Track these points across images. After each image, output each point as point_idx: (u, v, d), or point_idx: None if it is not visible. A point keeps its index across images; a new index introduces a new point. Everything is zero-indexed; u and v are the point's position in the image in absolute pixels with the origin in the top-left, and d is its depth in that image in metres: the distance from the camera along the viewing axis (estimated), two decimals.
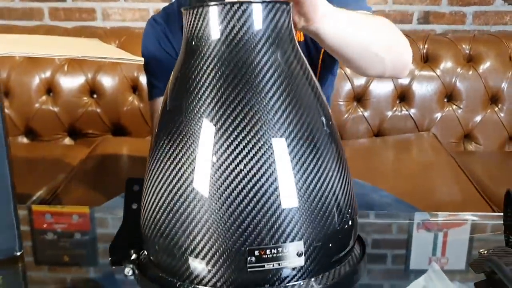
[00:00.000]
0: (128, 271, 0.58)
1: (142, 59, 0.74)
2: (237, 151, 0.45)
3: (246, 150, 0.45)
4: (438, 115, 1.73)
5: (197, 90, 0.47)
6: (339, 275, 0.50)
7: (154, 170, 0.52)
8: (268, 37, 0.47)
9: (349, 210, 0.51)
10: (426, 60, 1.74)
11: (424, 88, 1.72)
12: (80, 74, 1.73)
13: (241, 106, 0.46)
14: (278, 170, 0.45)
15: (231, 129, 0.45)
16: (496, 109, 1.73)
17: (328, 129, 0.49)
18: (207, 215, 0.46)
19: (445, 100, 1.74)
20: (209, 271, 0.47)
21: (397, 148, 1.62)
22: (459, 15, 1.92)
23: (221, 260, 0.46)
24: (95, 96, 1.75)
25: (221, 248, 0.46)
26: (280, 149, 0.46)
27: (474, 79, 1.71)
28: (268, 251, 0.45)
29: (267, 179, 0.45)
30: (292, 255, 0.46)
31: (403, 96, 1.74)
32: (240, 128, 0.45)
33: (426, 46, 1.74)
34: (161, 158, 0.51)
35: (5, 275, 0.70)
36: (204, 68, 0.47)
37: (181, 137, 0.48)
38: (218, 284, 0.47)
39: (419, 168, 1.46)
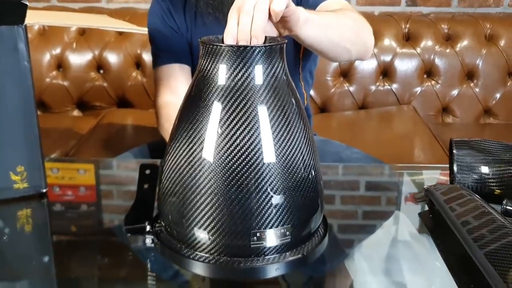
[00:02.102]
0: (149, 241, 0.67)
1: (147, 29, 0.87)
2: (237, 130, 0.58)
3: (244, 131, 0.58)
4: (418, 89, 1.85)
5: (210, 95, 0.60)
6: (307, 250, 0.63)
7: (172, 152, 0.63)
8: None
9: (313, 172, 0.63)
10: (408, 39, 1.86)
11: (405, 65, 1.84)
12: (87, 51, 1.85)
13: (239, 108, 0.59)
14: (264, 144, 0.58)
15: (233, 122, 0.58)
16: (472, 84, 1.86)
17: (298, 109, 0.62)
18: (215, 187, 0.58)
19: (425, 75, 1.86)
20: (212, 239, 0.59)
21: (379, 120, 1.76)
22: None
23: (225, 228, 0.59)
24: (101, 71, 1.87)
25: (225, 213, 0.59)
26: (265, 127, 0.59)
27: (451, 56, 1.83)
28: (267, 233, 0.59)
29: (256, 148, 0.58)
30: (280, 237, 0.60)
31: (386, 72, 1.86)
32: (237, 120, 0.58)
33: (408, 25, 1.86)
34: (179, 141, 0.62)
35: (34, 208, 0.82)
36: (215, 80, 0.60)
37: (196, 125, 0.60)
38: (216, 249, 0.60)
39: (398, 136, 1.59)
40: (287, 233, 0.61)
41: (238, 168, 0.58)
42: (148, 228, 0.68)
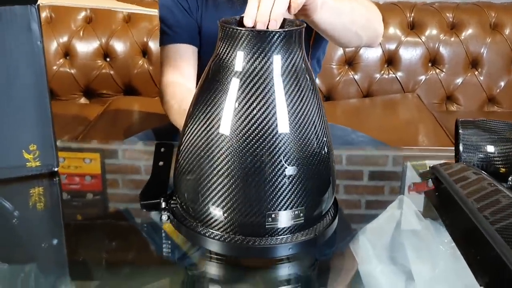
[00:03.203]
0: (165, 218, 0.68)
1: (157, 10, 0.89)
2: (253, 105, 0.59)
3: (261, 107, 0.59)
4: (423, 77, 1.87)
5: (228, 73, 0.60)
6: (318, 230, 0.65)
7: (189, 132, 0.64)
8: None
9: (326, 149, 0.65)
10: (412, 27, 1.87)
11: (410, 53, 1.85)
12: (94, 39, 1.86)
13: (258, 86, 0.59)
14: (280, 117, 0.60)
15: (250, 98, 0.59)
16: (476, 72, 1.87)
17: (314, 94, 0.63)
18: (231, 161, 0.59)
19: (429, 64, 1.88)
20: (227, 217, 0.60)
21: (383, 107, 1.77)
22: None
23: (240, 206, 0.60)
24: (108, 59, 1.88)
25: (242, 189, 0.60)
26: (282, 108, 0.60)
27: (456, 45, 1.84)
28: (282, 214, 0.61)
29: (272, 128, 0.59)
30: (294, 218, 0.62)
31: (391, 60, 1.87)
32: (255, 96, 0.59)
33: (412, 14, 1.87)
34: (196, 121, 0.63)
35: (46, 186, 0.84)
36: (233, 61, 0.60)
37: (213, 106, 0.61)
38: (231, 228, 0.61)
39: (402, 124, 1.60)
40: (301, 214, 0.62)
41: (253, 146, 0.59)
42: (163, 204, 0.70)
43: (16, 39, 0.78)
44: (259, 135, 0.59)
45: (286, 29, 0.60)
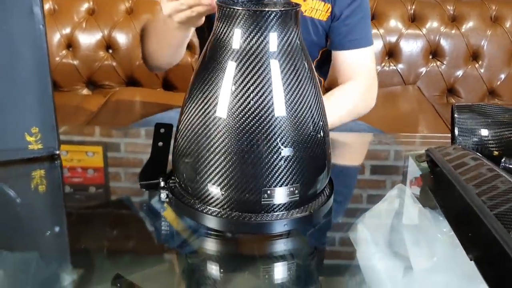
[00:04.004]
0: (164, 196, 0.69)
1: None
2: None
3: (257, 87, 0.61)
4: (423, 70, 1.87)
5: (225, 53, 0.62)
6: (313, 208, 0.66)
7: (187, 112, 0.65)
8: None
9: (322, 132, 0.66)
10: (413, 20, 1.88)
11: (410, 45, 1.86)
12: (97, 31, 1.87)
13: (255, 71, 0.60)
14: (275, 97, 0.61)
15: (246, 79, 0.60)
16: (477, 65, 1.87)
17: (310, 73, 0.64)
18: (228, 139, 0.61)
19: (430, 56, 1.88)
20: (224, 194, 0.62)
21: (384, 99, 1.76)
22: None
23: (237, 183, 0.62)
24: (110, 51, 1.90)
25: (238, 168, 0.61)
26: (278, 87, 0.61)
27: (457, 37, 1.85)
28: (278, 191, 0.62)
29: (268, 105, 0.61)
30: (289, 195, 0.63)
31: (391, 52, 1.88)
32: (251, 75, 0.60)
33: (413, 7, 1.87)
34: (194, 101, 0.64)
35: (47, 168, 0.85)
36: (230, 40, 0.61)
37: (210, 85, 0.62)
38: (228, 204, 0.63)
39: (402, 115, 1.62)
40: (296, 191, 0.64)
41: (250, 125, 0.61)
42: (162, 184, 0.71)
43: (19, 23, 0.79)
44: (254, 114, 0.61)
45: (283, 9, 0.61)
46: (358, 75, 1.18)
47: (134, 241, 0.67)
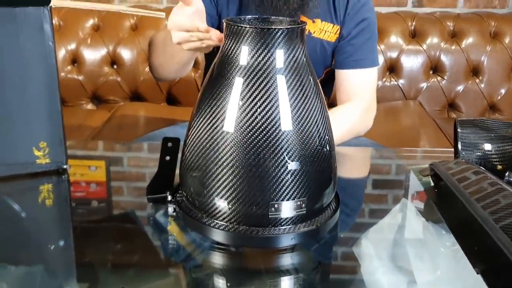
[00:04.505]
0: (171, 210, 0.71)
1: (164, 14, 0.91)
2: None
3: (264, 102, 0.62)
4: (424, 85, 1.89)
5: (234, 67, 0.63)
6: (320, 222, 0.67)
7: (195, 126, 0.66)
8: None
9: (328, 147, 0.67)
10: (414, 36, 1.90)
11: (411, 61, 1.87)
12: (102, 47, 1.89)
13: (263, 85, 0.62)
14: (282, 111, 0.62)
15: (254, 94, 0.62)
16: (477, 80, 1.89)
17: (316, 89, 0.66)
18: (235, 155, 0.62)
19: (431, 72, 1.90)
20: (232, 208, 0.63)
21: (385, 114, 1.78)
22: None
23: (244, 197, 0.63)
24: (115, 66, 1.91)
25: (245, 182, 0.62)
26: (284, 102, 0.62)
27: (457, 53, 1.86)
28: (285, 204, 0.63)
29: (275, 120, 0.62)
30: (296, 209, 0.64)
31: (392, 68, 1.90)
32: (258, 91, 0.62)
33: (414, 23, 1.89)
34: (202, 116, 0.65)
35: (55, 183, 0.85)
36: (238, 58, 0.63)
37: (218, 100, 0.63)
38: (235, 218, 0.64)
39: (404, 130, 1.62)
40: (303, 205, 0.65)
41: (257, 139, 0.62)
42: (169, 197, 0.72)
43: (29, 39, 0.80)
44: (262, 128, 0.62)
45: (289, 27, 0.63)
46: (359, 95, 1.19)
47: (139, 255, 0.67)
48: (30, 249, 0.68)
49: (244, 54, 0.62)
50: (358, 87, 1.19)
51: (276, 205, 0.63)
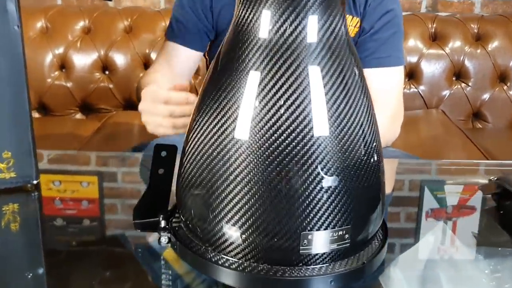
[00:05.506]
0: (165, 240, 0.56)
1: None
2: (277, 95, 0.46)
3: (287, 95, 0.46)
4: (447, 92, 1.76)
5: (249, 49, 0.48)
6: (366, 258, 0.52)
7: (197, 129, 0.51)
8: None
9: (376, 156, 0.51)
10: (435, 39, 1.77)
11: (432, 66, 1.75)
12: (93, 50, 1.77)
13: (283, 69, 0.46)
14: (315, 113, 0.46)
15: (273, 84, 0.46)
16: (505, 87, 1.76)
17: (359, 77, 0.50)
18: (255, 170, 0.47)
19: (454, 78, 1.77)
20: (248, 240, 0.48)
21: (405, 123, 1.63)
22: (467, 4, 1.92)
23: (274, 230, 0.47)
24: (107, 72, 1.80)
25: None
26: (319, 95, 0.47)
27: (482, 57, 1.74)
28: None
29: (306, 122, 0.46)
30: (338, 240, 0.48)
31: (412, 73, 1.77)
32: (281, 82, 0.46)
33: (434, 25, 1.77)
34: (207, 115, 0.50)
35: (22, 202, 0.72)
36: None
37: (229, 93, 0.48)
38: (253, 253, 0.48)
39: (429, 139, 1.49)
40: (346, 235, 0.49)
41: (282, 147, 0.46)
42: (163, 223, 0.56)
43: None
44: (288, 133, 0.46)
45: None
46: (383, 99, 1.05)
47: None
48: None
49: (265, 25, 0.46)
50: (383, 89, 1.06)
51: (309, 236, 0.47)
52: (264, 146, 0.46)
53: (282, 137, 0.46)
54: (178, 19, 1.11)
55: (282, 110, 0.46)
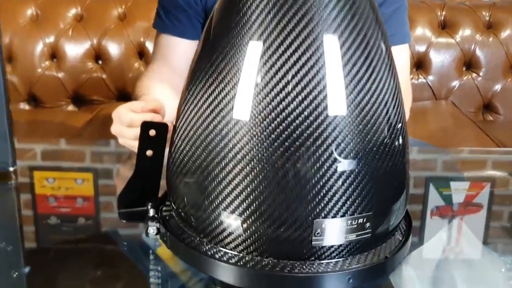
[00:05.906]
0: (153, 231, 0.50)
1: None
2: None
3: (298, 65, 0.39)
4: (457, 83, 1.68)
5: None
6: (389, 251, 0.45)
7: (191, 105, 0.45)
8: None
9: (401, 139, 0.44)
10: (444, 27, 1.69)
11: (442, 55, 1.67)
12: (85, 39, 1.70)
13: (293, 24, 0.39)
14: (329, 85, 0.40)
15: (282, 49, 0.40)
16: None
17: (384, 47, 0.43)
18: (258, 154, 0.40)
19: (464, 68, 1.69)
20: (250, 230, 0.41)
21: (414, 114, 1.56)
22: None
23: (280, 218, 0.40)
24: (100, 61, 1.72)
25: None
26: (335, 66, 0.40)
27: (494, 46, 1.65)
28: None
29: (319, 97, 0.39)
30: (357, 230, 0.41)
31: (420, 63, 1.69)
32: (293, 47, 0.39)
33: (443, 12, 1.69)
34: (201, 89, 0.44)
35: None
36: None
37: (226, 64, 0.42)
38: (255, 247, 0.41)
39: (439, 131, 1.41)
40: (367, 224, 0.42)
41: (292, 125, 0.40)
42: (151, 212, 0.49)
43: None
44: (299, 111, 0.39)
45: None
46: None
47: None
48: None
49: None
50: None
51: (323, 225, 0.40)
52: (269, 124, 0.40)
53: (292, 116, 0.39)
54: (166, 8, 1.04)
55: (291, 84, 0.39)
